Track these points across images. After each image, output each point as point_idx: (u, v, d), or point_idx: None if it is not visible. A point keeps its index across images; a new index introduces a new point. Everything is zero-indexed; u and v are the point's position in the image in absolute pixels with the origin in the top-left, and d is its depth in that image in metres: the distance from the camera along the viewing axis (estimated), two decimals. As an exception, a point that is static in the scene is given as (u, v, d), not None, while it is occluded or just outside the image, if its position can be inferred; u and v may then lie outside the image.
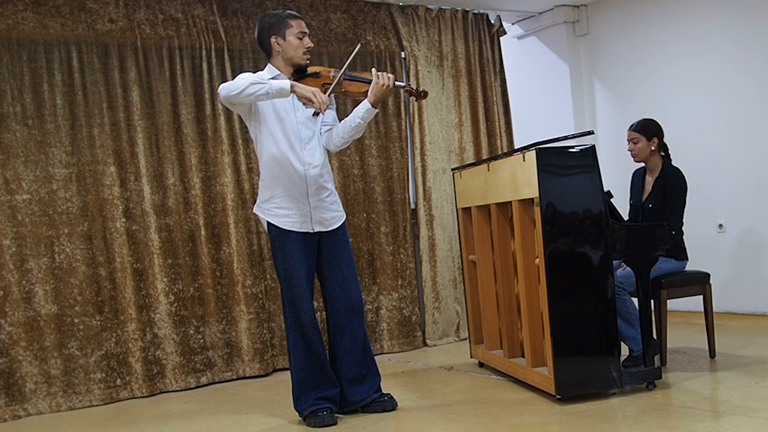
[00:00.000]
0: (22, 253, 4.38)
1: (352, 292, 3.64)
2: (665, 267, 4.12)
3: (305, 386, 3.58)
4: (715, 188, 5.40)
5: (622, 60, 6.08)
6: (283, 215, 3.51)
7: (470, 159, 5.82)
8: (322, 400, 3.56)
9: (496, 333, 4.38)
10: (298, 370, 3.57)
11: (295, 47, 3.52)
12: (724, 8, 5.35)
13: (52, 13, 4.51)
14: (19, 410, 4.30)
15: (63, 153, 4.51)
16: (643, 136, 4.19)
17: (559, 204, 3.51)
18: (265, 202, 3.56)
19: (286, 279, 3.52)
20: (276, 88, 3.32)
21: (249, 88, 3.29)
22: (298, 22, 3.54)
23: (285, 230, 3.50)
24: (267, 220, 3.55)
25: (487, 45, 6.03)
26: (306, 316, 3.52)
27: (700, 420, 3.14)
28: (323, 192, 3.58)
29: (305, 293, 3.52)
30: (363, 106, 3.52)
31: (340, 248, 3.63)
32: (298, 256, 3.50)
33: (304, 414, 3.57)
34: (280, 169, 3.50)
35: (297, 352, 3.57)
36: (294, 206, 3.51)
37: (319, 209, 3.56)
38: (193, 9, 4.92)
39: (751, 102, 5.23)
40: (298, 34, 3.52)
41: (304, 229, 3.52)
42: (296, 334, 3.55)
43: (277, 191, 3.52)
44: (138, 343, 4.62)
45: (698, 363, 4.17)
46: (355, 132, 3.58)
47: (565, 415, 3.38)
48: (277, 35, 3.52)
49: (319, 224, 3.57)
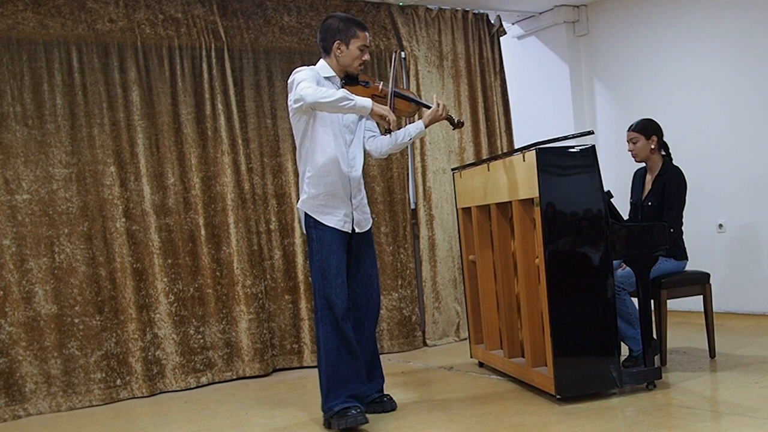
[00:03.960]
0: (22, 253, 4.38)
1: (374, 290, 3.73)
2: (665, 267, 4.12)
3: (335, 382, 3.47)
4: (715, 188, 5.41)
5: (622, 60, 6.08)
6: (328, 213, 3.56)
7: (470, 159, 5.82)
8: (353, 399, 3.46)
9: (496, 333, 4.38)
10: (328, 364, 3.48)
11: (354, 58, 3.58)
12: (724, 8, 5.35)
13: (52, 13, 4.51)
14: (19, 410, 4.30)
15: (63, 153, 4.51)
16: (642, 135, 4.20)
17: (559, 204, 3.51)
18: (312, 198, 3.57)
19: (321, 270, 3.51)
20: (359, 105, 3.39)
21: (340, 101, 3.33)
22: (364, 35, 3.59)
23: (324, 225, 3.54)
24: (306, 212, 3.58)
25: (487, 45, 6.03)
26: (339, 307, 3.49)
27: (700, 420, 3.14)
28: (359, 194, 3.67)
29: (340, 286, 3.51)
30: (418, 126, 3.68)
31: (367, 247, 3.71)
32: (335, 249, 3.53)
33: (333, 411, 3.44)
34: (332, 169, 3.55)
35: (328, 345, 3.48)
36: (340, 206, 3.57)
37: (358, 211, 3.64)
38: (193, 9, 4.92)
39: (751, 102, 5.23)
40: (361, 47, 3.57)
41: (345, 229, 3.57)
42: (328, 326, 3.49)
43: (327, 189, 3.55)
44: (138, 343, 4.62)
45: (698, 363, 4.17)
46: (401, 147, 3.76)
47: (565, 415, 3.38)
48: (342, 41, 3.56)
49: (358, 225, 3.64)
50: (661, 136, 4.24)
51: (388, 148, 3.75)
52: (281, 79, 5.17)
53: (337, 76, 3.61)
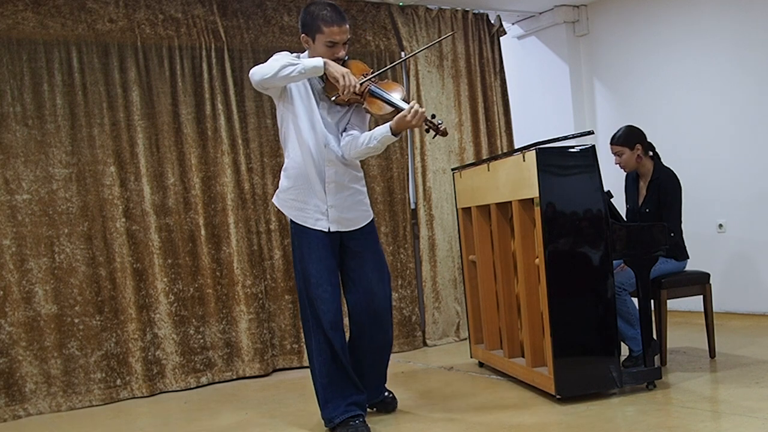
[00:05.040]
0: (22, 253, 4.38)
1: (375, 295, 3.44)
2: (665, 267, 4.12)
3: (331, 392, 3.35)
4: (715, 188, 5.40)
5: (622, 60, 6.08)
6: (298, 208, 3.36)
7: (470, 159, 5.82)
8: (354, 406, 3.35)
9: (496, 333, 4.38)
10: (322, 375, 3.36)
11: (322, 55, 3.26)
12: (724, 8, 5.35)
13: (52, 13, 4.51)
14: (19, 410, 4.30)
15: (63, 153, 4.51)
16: (625, 147, 4.16)
17: (559, 204, 3.51)
18: (283, 192, 3.40)
19: (304, 279, 3.33)
20: (309, 66, 3.15)
21: (282, 70, 3.12)
22: (331, 30, 3.24)
23: (303, 227, 3.34)
24: (289, 217, 3.40)
25: (487, 45, 6.04)
26: (326, 317, 3.30)
27: (700, 420, 3.14)
28: (344, 191, 3.38)
29: (325, 293, 3.30)
30: (383, 130, 3.25)
31: (364, 248, 3.44)
32: (317, 255, 3.31)
33: (335, 422, 3.34)
34: (302, 160, 3.32)
35: (320, 356, 3.34)
36: (310, 202, 3.34)
37: (338, 208, 3.35)
38: (193, 9, 4.92)
39: (751, 102, 5.23)
40: (327, 43, 3.26)
41: (318, 227, 3.33)
42: (318, 337, 3.33)
43: (297, 183, 3.35)
44: (138, 343, 4.62)
45: (698, 363, 4.17)
46: (369, 152, 3.33)
47: (565, 415, 3.38)
48: (308, 35, 3.32)
49: (337, 224, 3.36)
50: (644, 141, 4.19)
51: (355, 152, 3.33)
52: (281, 79, 5.16)
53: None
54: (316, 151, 3.33)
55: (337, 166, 3.36)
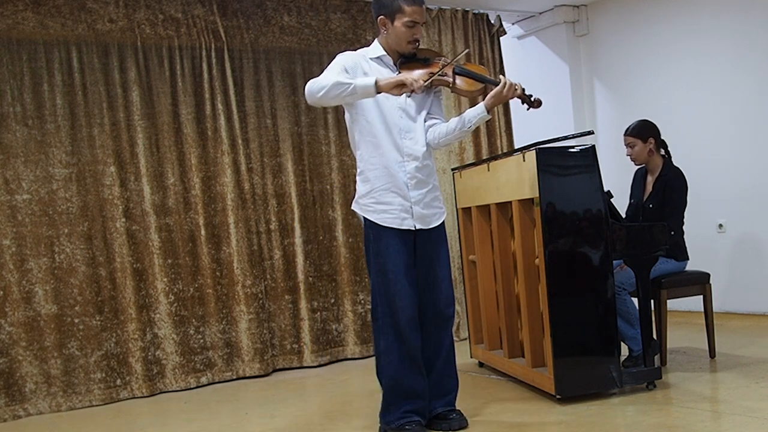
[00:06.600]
0: (22, 253, 4.38)
1: (442, 293, 3.31)
2: (666, 268, 4.12)
3: (395, 395, 3.21)
4: (715, 188, 5.40)
5: (622, 60, 6.08)
6: (381, 210, 3.20)
7: (470, 159, 5.82)
8: (412, 413, 3.21)
9: (496, 333, 4.38)
10: (389, 377, 3.21)
11: (400, 37, 3.18)
12: (724, 8, 5.35)
13: (52, 13, 4.51)
14: (19, 410, 4.30)
15: (63, 153, 4.52)
16: (638, 139, 4.18)
17: (559, 204, 3.51)
18: (363, 197, 3.24)
19: (381, 275, 3.19)
20: (360, 86, 3.02)
21: (332, 90, 3.02)
22: (413, 9, 3.14)
23: (380, 225, 3.20)
24: (358, 213, 3.28)
25: (487, 45, 6.03)
26: (404, 315, 3.16)
27: (700, 420, 3.14)
28: (424, 186, 3.26)
29: (404, 290, 3.17)
30: (478, 110, 3.24)
31: (436, 246, 3.31)
32: (396, 250, 3.18)
33: (390, 427, 3.23)
34: (379, 161, 3.19)
35: (390, 356, 3.19)
36: (394, 201, 3.20)
37: (420, 204, 3.23)
38: (193, 9, 4.92)
39: (751, 102, 5.23)
40: (408, 23, 3.15)
41: (405, 226, 3.20)
42: (390, 337, 3.18)
43: (376, 185, 3.20)
44: (138, 343, 4.62)
45: (698, 363, 4.17)
46: (462, 135, 3.31)
47: (565, 415, 3.37)
48: (386, 17, 3.18)
49: (420, 221, 3.24)
50: (658, 137, 4.22)
51: (445, 138, 3.29)
52: (281, 79, 5.17)
53: (389, 56, 3.25)
54: (393, 148, 3.21)
55: (417, 161, 3.24)
